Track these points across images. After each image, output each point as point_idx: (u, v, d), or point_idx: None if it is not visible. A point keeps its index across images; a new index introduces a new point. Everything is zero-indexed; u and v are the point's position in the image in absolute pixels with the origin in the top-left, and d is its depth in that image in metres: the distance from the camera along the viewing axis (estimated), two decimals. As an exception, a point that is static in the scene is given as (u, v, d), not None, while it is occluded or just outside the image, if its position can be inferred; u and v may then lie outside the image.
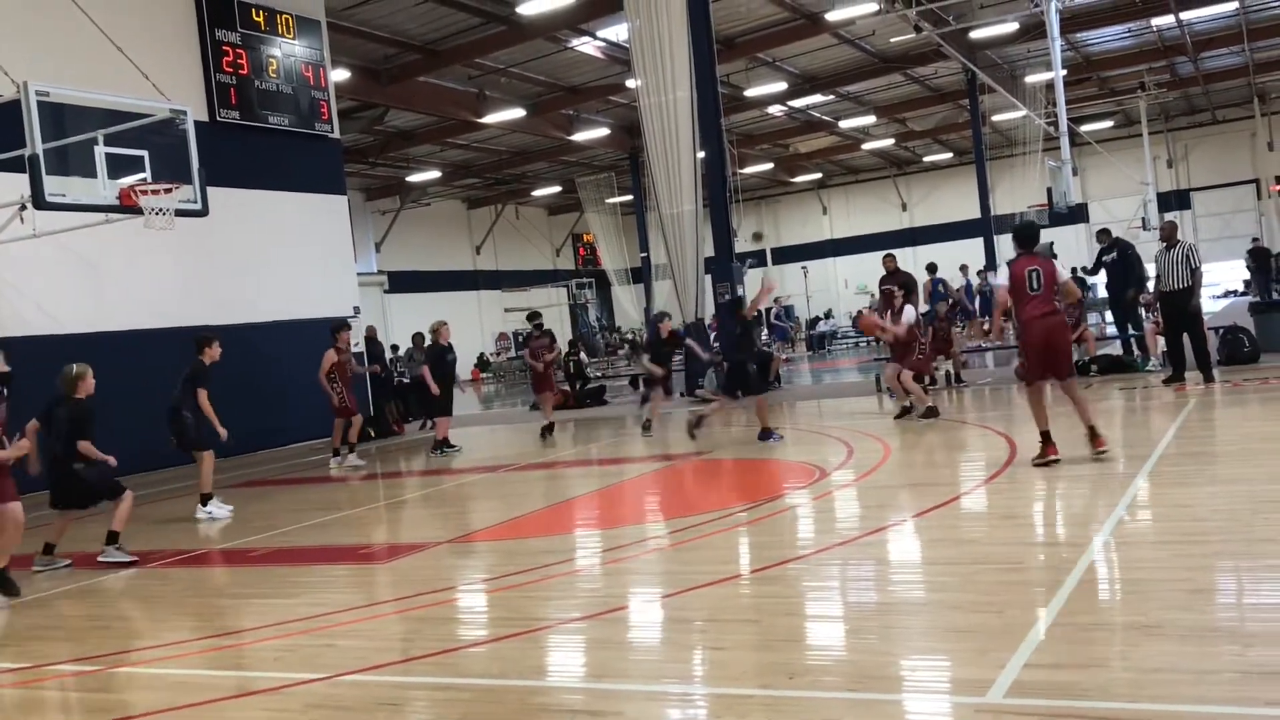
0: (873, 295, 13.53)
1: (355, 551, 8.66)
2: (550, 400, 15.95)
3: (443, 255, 42.76)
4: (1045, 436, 8.74)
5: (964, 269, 32.02)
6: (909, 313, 12.99)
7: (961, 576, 5.80)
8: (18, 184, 11.26)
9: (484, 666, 5.04)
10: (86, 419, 8.47)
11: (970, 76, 31.48)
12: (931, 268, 26.05)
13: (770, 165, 43.16)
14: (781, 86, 30.54)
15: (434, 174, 36.74)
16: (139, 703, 4.99)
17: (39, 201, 10.89)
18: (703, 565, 6.69)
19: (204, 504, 10.85)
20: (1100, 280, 19.09)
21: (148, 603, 7.36)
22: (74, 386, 8.48)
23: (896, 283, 14.21)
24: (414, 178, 36.60)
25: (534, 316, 16.83)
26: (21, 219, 11.82)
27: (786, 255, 48.85)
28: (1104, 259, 16.61)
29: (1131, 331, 16.70)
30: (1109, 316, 22.80)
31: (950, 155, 45.31)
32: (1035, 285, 8.71)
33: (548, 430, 15.33)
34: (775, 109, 34.48)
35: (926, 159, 46.59)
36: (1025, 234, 9.12)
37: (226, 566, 8.65)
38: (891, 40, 27.00)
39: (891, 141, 41.76)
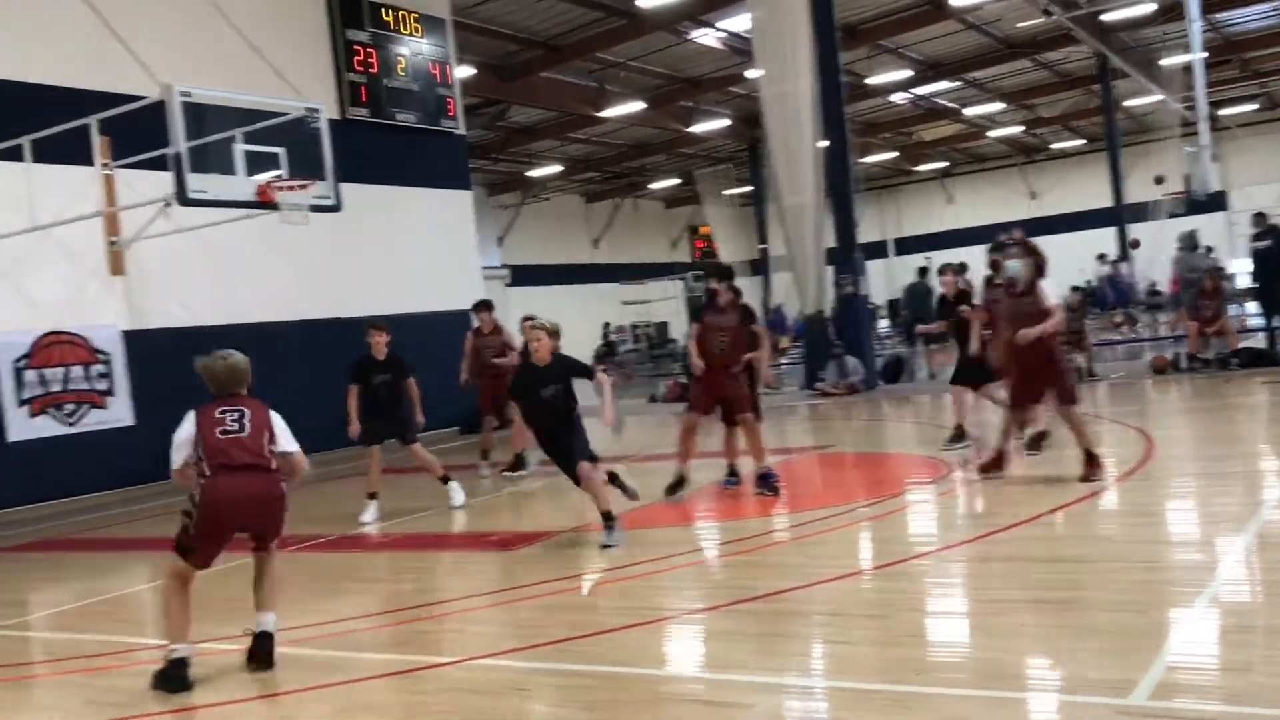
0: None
1: (483, 539, 8.82)
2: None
3: (562, 249, 43.17)
4: None
5: (1102, 258, 31.14)
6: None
7: (1098, 575, 5.63)
8: (161, 181, 11.74)
9: (610, 655, 5.08)
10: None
11: (1102, 61, 30.48)
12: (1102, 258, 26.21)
13: (893, 154, 42.47)
14: (905, 74, 30.00)
15: (554, 168, 37.13)
16: (274, 682, 5.16)
17: (182, 198, 11.32)
18: (826, 559, 6.64)
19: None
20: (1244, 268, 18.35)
21: (283, 586, 7.59)
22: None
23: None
24: (535, 172, 37.05)
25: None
26: (167, 215, 12.33)
27: (909, 246, 47.97)
28: (1255, 245, 15.80)
29: (1277, 323, 15.95)
30: (1249, 308, 21.83)
31: (1081, 142, 43.87)
32: None
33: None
34: (898, 97, 33.87)
35: (1055, 146, 45.21)
36: None
37: (357, 552, 8.89)
38: (1019, 24, 26.28)
39: (1019, 128, 40.69)
